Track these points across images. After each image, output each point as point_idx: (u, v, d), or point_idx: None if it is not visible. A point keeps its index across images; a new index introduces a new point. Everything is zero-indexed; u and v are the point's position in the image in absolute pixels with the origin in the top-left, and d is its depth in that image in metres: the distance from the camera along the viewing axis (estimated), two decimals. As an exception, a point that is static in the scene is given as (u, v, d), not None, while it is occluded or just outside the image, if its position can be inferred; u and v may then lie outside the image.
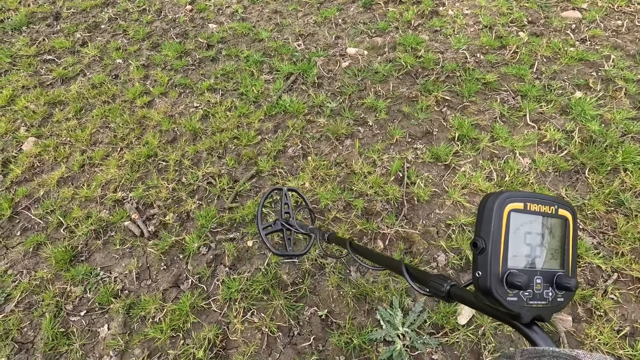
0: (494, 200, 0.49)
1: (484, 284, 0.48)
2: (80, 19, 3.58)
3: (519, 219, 0.50)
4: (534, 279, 0.50)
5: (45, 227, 2.12)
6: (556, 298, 0.51)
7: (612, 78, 2.47)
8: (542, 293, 0.50)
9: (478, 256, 0.49)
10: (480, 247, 0.48)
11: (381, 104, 2.47)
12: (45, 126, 2.64)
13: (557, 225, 0.53)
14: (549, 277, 0.51)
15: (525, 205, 0.50)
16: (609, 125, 2.23)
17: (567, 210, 0.53)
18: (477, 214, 0.51)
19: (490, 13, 3.07)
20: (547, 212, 0.51)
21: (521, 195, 0.50)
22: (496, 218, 0.48)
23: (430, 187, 2.04)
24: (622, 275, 1.70)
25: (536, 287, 0.50)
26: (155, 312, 1.73)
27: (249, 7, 3.51)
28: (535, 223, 0.51)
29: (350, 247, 0.97)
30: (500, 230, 0.48)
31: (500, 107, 2.39)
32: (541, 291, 0.50)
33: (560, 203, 0.53)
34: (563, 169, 2.07)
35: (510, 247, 0.49)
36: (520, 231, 0.50)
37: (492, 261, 0.48)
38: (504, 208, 0.48)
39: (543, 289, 0.50)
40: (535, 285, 0.50)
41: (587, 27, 2.88)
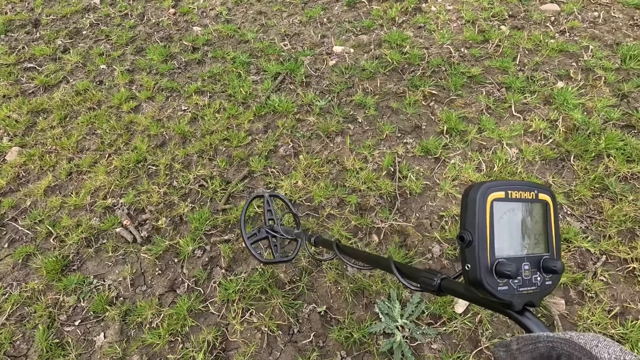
0: (476, 191, 0.49)
1: (474, 276, 0.48)
2: (60, 25, 3.51)
3: (501, 207, 0.50)
4: (522, 266, 0.50)
5: (34, 237, 2.07)
6: (544, 282, 0.52)
7: (591, 68, 2.55)
8: (531, 279, 0.51)
9: (466, 249, 0.49)
10: (467, 240, 0.48)
11: (370, 100, 2.49)
12: (29, 135, 2.58)
13: (538, 210, 0.53)
14: (536, 262, 0.52)
15: (507, 194, 0.50)
16: (591, 113, 2.29)
17: (546, 194, 0.54)
18: (461, 206, 0.51)
19: (472, 8, 3.12)
20: (528, 197, 0.52)
21: (502, 184, 0.50)
22: (480, 209, 0.48)
23: (421, 180, 2.07)
24: (610, 257, 1.75)
25: (525, 274, 0.50)
26: (152, 318, 1.71)
27: (233, 9, 3.49)
28: (517, 210, 0.51)
29: (337, 248, 0.96)
30: (485, 221, 0.48)
31: (486, 99, 2.43)
32: (530, 277, 0.51)
33: (540, 188, 0.53)
34: (549, 157, 2.12)
35: (496, 237, 0.49)
36: (504, 220, 0.50)
37: (480, 253, 0.48)
38: (486, 198, 0.49)
39: (531, 275, 0.51)
40: (524, 272, 0.50)
41: (566, 19, 2.95)
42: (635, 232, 1.80)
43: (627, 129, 2.20)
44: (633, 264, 1.69)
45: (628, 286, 1.66)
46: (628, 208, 1.87)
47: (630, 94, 2.36)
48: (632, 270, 1.69)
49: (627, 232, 1.81)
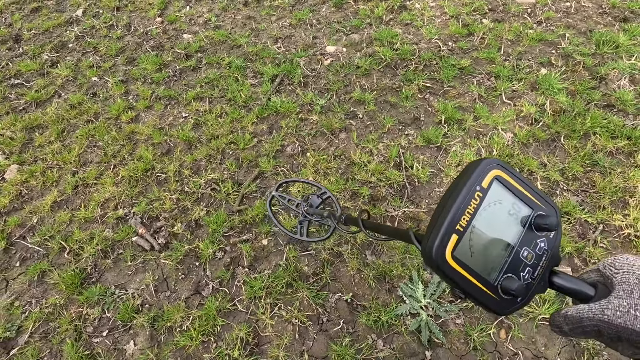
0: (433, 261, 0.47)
1: (495, 313, 0.48)
2: (44, 39, 3.44)
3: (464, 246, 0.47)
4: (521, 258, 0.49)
5: (46, 253, 2.04)
6: (549, 240, 0.50)
7: (570, 54, 2.73)
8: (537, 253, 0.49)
9: (467, 300, 0.49)
10: (463, 296, 0.48)
11: (368, 96, 2.58)
12: (27, 152, 2.53)
13: (496, 194, 0.50)
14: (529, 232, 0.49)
15: (458, 231, 0.47)
16: (574, 96, 2.46)
17: (489, 172, 0.50)
18: (438, 275, 0.50)
19: (454, 4, 3.27)
20: (477, 203, 0.48)
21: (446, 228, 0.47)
22: (449, 272, 0.47)
23: (427, 168, 2.17)
24: (606, 225, 1.90)
25: (529, 258, 0.49)
26: (181, 321, 1.73)
27: (221, 15, 3.52)
28: (478, 226, 0.48)
29: (363, 225, 0.98)
30: (461, 274, 0.47)
31: (477, 88, 2.57)
32: (534, 254, 0.49)
33: (478, 177, 0.49)
34: (542, 139, 2.27)
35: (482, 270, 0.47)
36: (475, 248, 0.48)
37: (479, 297, 0.47)
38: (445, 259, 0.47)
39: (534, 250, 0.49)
40: (527, 258, 0.49)
41: (541, 10, 3.14)
42: (626, 201, 1.96)
43: (608, 108, 2.38)
44: (628, 230, 1.85)
45: (625, 250, 1.81)
46: (617, 180, 2.03)
47: (607, 76, 2.54)
48: (628, 235, 1.84)
49: (619, 201, 1.97)
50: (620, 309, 0.38)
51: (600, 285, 0.45)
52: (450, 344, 1.60)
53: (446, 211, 0.48)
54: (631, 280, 0.40)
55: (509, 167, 0.51)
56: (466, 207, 0.48)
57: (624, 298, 0.39)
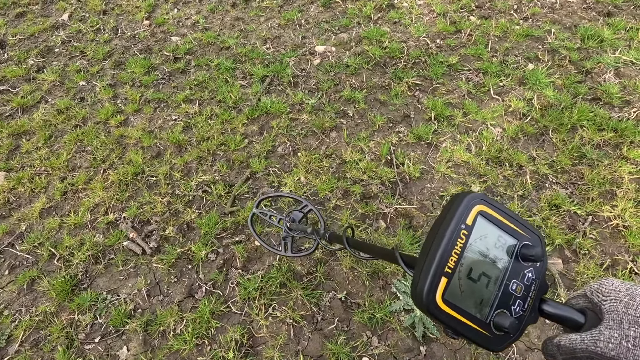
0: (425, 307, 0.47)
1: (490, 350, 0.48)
2: (29, 44, 3.39)
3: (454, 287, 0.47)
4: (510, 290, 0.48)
5: (35, 261, 2.01)
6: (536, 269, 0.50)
7: (556, 49, 2.76)
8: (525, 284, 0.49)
9: (461, 338, 0.49)
10: (457, 336, 0.48)
11: (358, 95, 2.59)
12: (14, 159, 2.49)
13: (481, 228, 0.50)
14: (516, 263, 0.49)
15: (447, 274, 0.47)
16: (561, 90, 2.49)
17: (472, 209, 0.49)
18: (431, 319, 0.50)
19: (441, 1, 3.30)
20: (462, 242, 0.48)
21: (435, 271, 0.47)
22: (441, 316, 0.47)
23: (418, 165, 2.18)
24: (595, 217, 1.92)
25: (518, 290, 0.48)
26: (175, 324, 1.71)
27: (209, 17, 3.50)
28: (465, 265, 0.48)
29: (347, 242, 0.99)
30: (453, 316, 0.47)
31: (466, 85, 2.59)
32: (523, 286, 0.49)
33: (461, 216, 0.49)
34: (530, 133, 2.29)
35: (472, 308, 0.47)
36: (464, 287, 0.48)
37: (473, 336, 0.47)
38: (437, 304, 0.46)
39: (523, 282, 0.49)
40: (517, 290, 0.48)
41: (527, 6, 3.18)
42: (614, 192, 1.99)
43: (594, 101, 2.41)
44: (616, 221, 1.87)
45: (614, 241, 1.84)
46: (605, 172, 2.06)
47: (593, 70, 2.58)
48: (616, 226, 1.87)
49: (607, 193, 2.00)
50: (612, 341, 0.39)
51: (589, 312, 0.46)
52: (444, 339, 1.61)
53: (433, 253, 0.48)
54: (619, 309, 0.40)
55: (491, 200, 0.51)
56: (453, 247, 0.47)
57: (614, 329, 0.39)
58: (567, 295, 1.65)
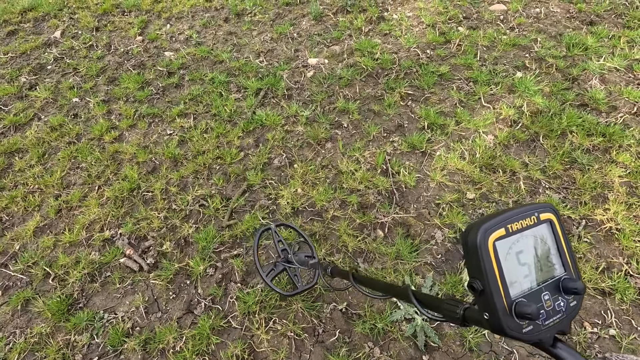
0: (475, 236, 0.47)
1: (496, 324, 0.46)
2: (21, 62, 3.39)
3: (505, 245, 0.48)
4: (541, 298, 0.48)
5: (29, 281, 1.98)
6: (569, 305, 0.49)
7: (543, 57, 2.84)
8: (554, 307, 0.48)
9: (479, 298, 0.47)
10: (478, 289, 0.47)
11: (352, 106, 2.62)
12: (7, 177, 2.46)
13: (544, 232, 0.51)
14: (555, 287, 0.49)
15: (507, 229, 0.48)
16: (549, 97, 2.55)
17: (547, 212, 0.52)
18: (463, 252, 0.49)
19: (429, 13, 3.38)
20: (530, 224, 0.50)
21: (499, 221, 0.48)
22: (484, 254, 0.46)
23: (413, 173, 2.21)
24: (589, 220, 1.95)
25: (547, 305, 0.48)
26: (174, 342, 1.69)
27: (202, 32, 3.54)
28: (522, 241, 0.49)
29: (354, 279, 0.96)
30: (492, 265, 0.46)
31: (457, 94, 2.64)
32: (552, 306, 0.48)
33: (539, 208, 0.51)
34: (522, 140, 2.34)
35: (507, 277, 0.47)
36: (511, 255, 0.48)
37: (495, 300, 0.46)
38: (487, 242, 0.47)
39: (554, 303, 0.48)
40: (546, 303, 0.48)
41: (513, 16, 3.27)
42: (605, 196, 2.03)
43: (582, 107, 2.47)
44: (609, 224, 1.91)
45: (608, 244, 1.87)
46: (596, 176, 2.10)
47: (579, 77, 2.65)
48: (609, 229, 1.90)
49: (599, 196, 2.04)
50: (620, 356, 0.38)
51: None
52: (446, 347, 1.61)
53: (505, 210, 0.50)
54: None
55: (562, 222, 0.54)
56: (521, 219, 0.49)
57: None
58: None
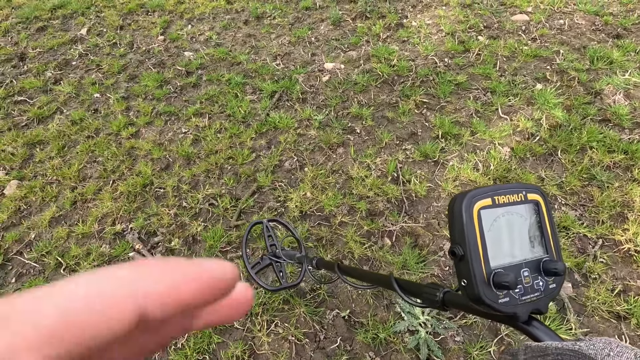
0: (460, 202, 0.48)
1: (472, 292, 0.46)
2: (48, 57, 3.51)
3: (490, 215, 0.48)
4: (520, 273, 0.49)
5: (42, 269, 2.04)
6: (548, 286, 0.50)
7: (564, 70, 2.77)
8: (533, 285, 0.49)
9: (459, 264, 0.48)
10: (459, 255, 0.47)
11: (366, 111, 2.61)
12: (27, 168, 2.55)
13: (529, 211, 0.52)
14: (535, 266, 0.50)
15: (494, 200, 0.49)
16: (570, 110, 2.48)
17: (535, 193, 0.52)
18: (448, 219, 0.50)
19: (449, 21, 3.34)
20: (516, 200, 0.50)
21: (486, 191, 0.49)
22: (467, 221, 0.47)
23: (424, 183, 2.18)
24: (606, 240, 1.88)
25: (525, 281, 0.49)
26: (177, 339, 1.70)
27: (222, 33, 3.60)
28: (507, 215, 0.50)
29: (339, 269, 0.96)
30: (475, 232, 0.47)
31: (474, 104, 2.60)
32: (531, 283, 0.49)
33: (527, 187, 0.52)
34: (539, 153, 2.28)
35: (489, 247, 0.47)
36: (495, 227, 0.49)
37: (474, 266, 0.46)
38: (472, 208, 0.47)
39: (532, 281, 0.49)
40: (524, 279, 0.49)
41: (535, 27, 3.21)
42: (625, 215, 1.95)
43: (604, 122, 2.39)
44: (627, 245, 1.83)
45: (626, 265, 1.79)
46: (615, 194, 2.03)
47: (602, 91, 2.57)
48: (628, 250, 1.83)
49: (618, 216, 1.96)
50: (595, 346, 0.37)
51: None
52: (449, 363, 1.57)
53: (493, 186, 0.51)
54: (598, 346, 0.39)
55: (549, 205, 0.53)
56: (508, 194, 0.50)
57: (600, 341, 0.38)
58: (577, 322, 1.61)
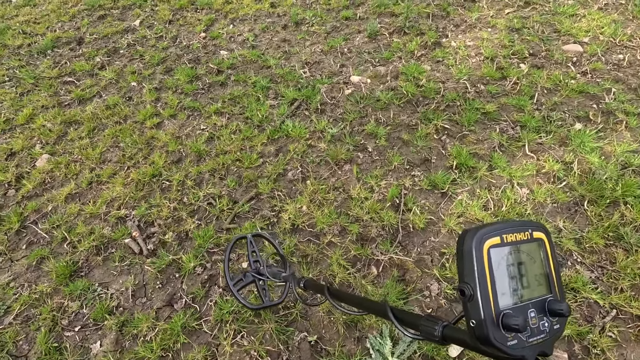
0: (471, 240, 0.47)
1: (482, 333, 0.45)
2: (101, 44, 3.80)
3: (499, 253, 0.48)
4: (528, 314, 0.48)
5: (50, 241, 2.19)
6: (552, 327, 0.49)
7: (612, 111, 2.48)
8: (539, 326, 0.48)
9: (468, 303, 0.47)
10: (468, 294, 0.46)
11: (381, 130, 2.52)
12: (59, 144, 2.77)
13: (535, 249, 0.52)
14: (541, 306, 0.50)
15: (502, 238, 0.49)
16: (609, 157, 2.22)
17: (540, 232, 0.52)
18: (457, 256, 0.49)
19: (492, 45, 3.14)
20: (523, 238, 0.51)
21: (495, 229, 0.49)
22: (478, 259, 0.47)
23: (426, 214, 2.05)
24: (621, 312, 1.65)
25: (532, 322, 0.48)
26: (147, 331, 1.75)
27: (259, 36, 3.67)
28: (514, 253, 0.50)
29: (329, 293, 0.92)
30: (485, 272, 0.47)
31: (499, 136, 2.41)
32: (537, 325, 0.48)
33: (532, 225, 0.52)
34: (562, 201, 2.05)
35: (498, 286, 0.47)
36: (502, 265, 0.48)
37: (484, 307, 0.46)
38: (482, 247, 0.47)
39: (539, 322, 0.49)
40: (531, 320, 0.48)
41: (588, 60, 2.91)
42: (650, 287, 1.70)
43: (647, 176, 2.11)
44: (646, 322, 1.59)
45: (639, 346, 1.56)
46: (644, 261, 1.77)
47: (653, 141, 2.27)
48: (645, 328, 1.59)
49: (642, 286, 1.71)
50: None
51: None
52: (410, 414, 1.46)
53: (499, 222, 0.52)
54: None
55: (553, 243, 0.54)
56: (515, 232, 0.50)
57: None
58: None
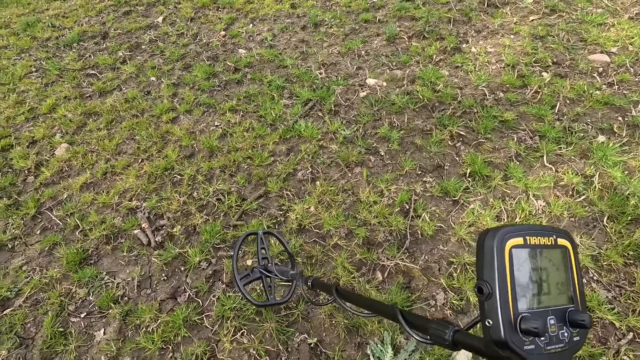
0: (492, 238, 0.46)
1: (498, 335, 0.43)
2: (124, 39, 3.89)
3: (521, 255, 0.46)
4: (547, 321, 0.46)
5: (63, 228, 2.24)
6: (572, 338, 0.47)
7: (639, 124, 2.37)
8: (558, 335, 0.46)
9: (485, 302, 0.45)
10: (486, 293, 0.44)
11: (395, 134, 2.49)
12: (79, 134, 2.84)
13: (558, 256, 0.50)
14: (561, 315, 0.47)
15: (525, 240, 0.47)
16: (632, 172, 2.12)
17: (565, 239, 0.51)
18: (477, 253, 0.47)
19: (514, 52, 3.06)
20: (547, 243, 0.49)
21: (519, 230, 0.47)
22: (499, 258, 0.45)
23: (435, 221, 2.00)
24: (638, 335, 1.56)
25: (551, 330, 0.46)
26: (149, 322, 1.76)
27: (278, 35, 3.69)
28: (537, 257, 0.48)
29: (337, 292, 0.91)
30: (505, 271, 0.45)
31: (516, 146, 2.34)
32: (556, 333, 0.46)
33: (558, 232, 0.50)
34: (579, 215, 1.97)
35: (518, 287, 0.45)
36: (524, 268, 0.46)
37: (502, 307, 0.44)
38: (504, 246, 0.46)
39: (558, 330, 0.46)
40: (550, 328, 0.46)
41: (616, 71, 2.80)
42: (671, 311, 1.60)
43: (674, 194, 2.00)
44: (665, 348, 1.50)
45: (657, 373, 1.47)
46: (666, 283, 1.68)
47: (682, 157, 2.16)
48: (664, 355, 1.50)
49: (662, 310, 1.62)
50: None
51: None
52: None
53: (524, 225, 0.52)
54: None
55: (577, 253, 0.52)
56: (540, 236, 0.49)
57: None
58: None
